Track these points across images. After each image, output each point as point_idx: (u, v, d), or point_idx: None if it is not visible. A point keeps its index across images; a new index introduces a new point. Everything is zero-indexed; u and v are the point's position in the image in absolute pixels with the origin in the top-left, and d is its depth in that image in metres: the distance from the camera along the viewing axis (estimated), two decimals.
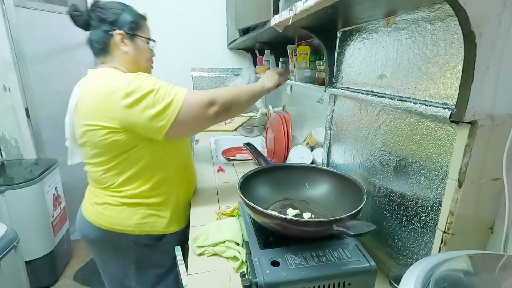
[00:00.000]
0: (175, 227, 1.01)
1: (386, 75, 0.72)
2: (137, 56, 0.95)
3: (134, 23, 0.93)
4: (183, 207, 1.05)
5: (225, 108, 0.83)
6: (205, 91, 0.84)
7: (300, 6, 0.66)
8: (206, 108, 0.81)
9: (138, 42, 0.95)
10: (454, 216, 0.53)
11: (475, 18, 0.43)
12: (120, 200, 0.92)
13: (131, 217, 0.93)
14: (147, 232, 0.95)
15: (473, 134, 0.49)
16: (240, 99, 0.88)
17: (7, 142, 1.96)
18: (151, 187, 0.93)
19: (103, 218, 0.93)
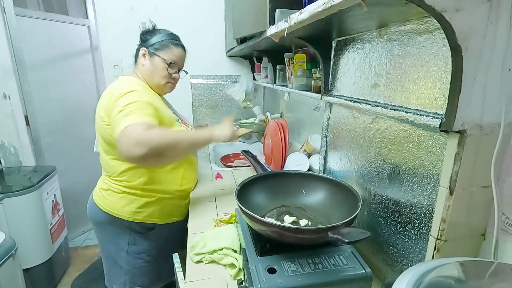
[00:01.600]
0: (166, 220, 1.15)
1: (380, 84, 0.74)
2: (152, 71, 1.11)
3: (159, 45, 1.11)
4: (177, 202, 1.16)
5: (155, 153, 0.80)
6: (147, 131, 0.82)
7: (295, 18, 0.68)
8: (133, 147, 0.79)
9: (155, 60, 1.10)
10: (446, 223, 0.54)
11: (460, 32, 0.45)
12: (121, 188, 1.07)
13: (127, 205, 1.07)
14: (139, 220, 1.09)
15: (462, 143, 0.50)
16: (178, 147, 0.88)
17: (6, 150, 1.96)
18: (146, 181, 1.06)
19: (106, 202, 1.09)
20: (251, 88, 2.24)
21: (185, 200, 1.19)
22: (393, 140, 0.69)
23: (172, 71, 1.13)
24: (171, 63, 1.11)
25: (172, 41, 1.13)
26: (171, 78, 1.14)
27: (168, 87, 1.16)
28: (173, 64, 1.12)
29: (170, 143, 0.84)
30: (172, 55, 1.11)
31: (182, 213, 1.19)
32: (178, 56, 1.14)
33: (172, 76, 1.13)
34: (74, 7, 2.51)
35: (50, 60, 2.25)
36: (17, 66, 1.93)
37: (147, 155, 0.78)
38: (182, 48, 1.17)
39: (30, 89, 2.03)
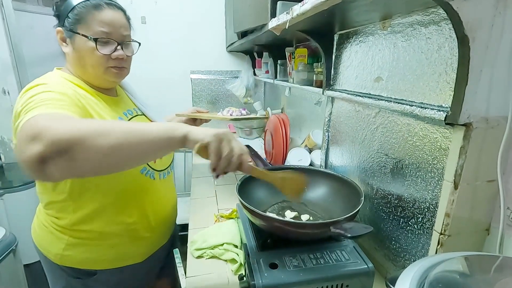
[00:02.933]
0: (110, 264, 0.82)
1: (383, 77, 0.73)
2: (78, 59, 0.75)
3: (74, 15, 0.72)
4: (127, 243, 0.82)
5: (58, 150, 0.45)
6: (50, 121, 0.49)
7: (297, 10, 0.67)
8: (26, 144, 0.46)
9: (76, 41, 0.73)
10: (450, 217, 0.53)
11: (468, 22, 0.44)
12: (50, 222, 0.79)
13: (53, 244, 0.78)
14: (70, 265, 0.79)
15: (468, 137, 0.49)
16: (100, 140, 0.47)
17: (6, 145, 1.96)
18: (77, 220, 0.75)
19: (35, 234, 0.84)
20: (251, 84, 2.23)
21: (142, 242, 0.85)
22: (397, 134, 0.68)
23: (107, 49, 0.73)
24: (97, 39, 0.72)
25: (90, 3, 0.72)
26: (111, 59, 0.75)
27: (112, 75, 0.77)
28: (104, 38, 0.72)
29: (83, 131, 0.46)
30: (96, 25, 0.71)
31: (140, 254, 0.86)
32: (107, 23, 0.72)
33: (111, 56, 0.75)
34: None
35: (49, 56, 2.23)
36: (16, 61, 1.91)
37: (45, 154, 0.44)
38: (113, 6, 0.75)
39: None
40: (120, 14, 0.76)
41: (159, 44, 2.15)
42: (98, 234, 0.78)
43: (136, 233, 0.82)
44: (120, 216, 0.79)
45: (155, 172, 0.85)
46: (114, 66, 0.76)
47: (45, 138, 0.45)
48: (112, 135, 0.48)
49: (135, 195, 0.81)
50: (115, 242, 0.80)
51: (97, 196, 0.75)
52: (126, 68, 0.81)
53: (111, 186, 0.76)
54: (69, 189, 0.72)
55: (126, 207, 0.80)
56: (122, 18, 0.77)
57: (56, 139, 0.45)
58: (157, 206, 0.87)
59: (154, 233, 0.88)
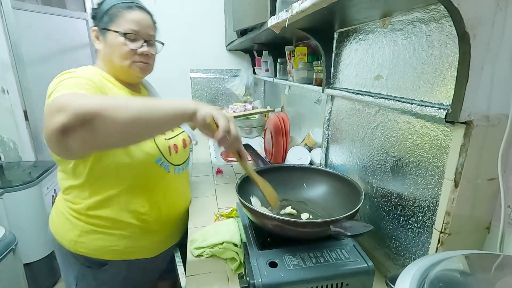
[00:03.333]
0: (120, 255, 0.85)
1: (383, 75, 0.73)
2: (108, 53, 0.83)
3: (108, 15, 0.81)
4: (138, 235, 0.86)
5: (80, 120, 0.50)
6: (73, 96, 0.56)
7: (296, 7, 0.66)
8: (50, 116, 0.50)
9: (108, 37, 0.82)
10: (451, 216, 0.53)
11: (469, 19, 0.43)
12: (66, 209, 0.83)
13: (69, 231, 0.82)
14: (83, 253, 0.83)
15: (468, 135, 0.49)
16: (117, 113, 0.52)
17: (5, 145, 1.96)
18: (92, 205, 0.80)
19: (52, 222, 0.88)
20: (251, 82, 2.23)
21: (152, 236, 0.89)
22: (397, 132, 0.68)
23: (134, 45, 0.82)
24: (126, 34, 0.80)
25: (123, 4, 0.82)
26: (137, 55, 0.83)
27: (137, 69, 0.84)
28: (132, 35, 0.81)
29: (105, 103, 0.52)
30: (126, 24, 0.80)
31: (150, 249, 0.91)
32: (136, 22, 0.81)
33: (137, 52, 0.82)
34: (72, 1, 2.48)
35: (48, 54, 2.23)
36: (15, 61, 1.91)
37: (69, 124, 0.49)
38: (142, 9, 0.84)
39: (28, 84, 2.01)
40: (147, 16, 0.86)
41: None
42: (111, 222, 0.82)
43: (146, 224, 0.86)
44: (133, 205, 0.83)
45: (170, 165, 0.89)
46: (139, 61, 0.84)
47: (68, 110, 0.50)
48: (130, 109, 0.54)
49: (148, 184, 0.85)
50: (126, 232, 0.84)
51: (112, 182, 0.80)
52: (150, 64, 0.88)
53: (126, 173, 0.80)
54: (87, 174, 0.77)
55: (139, 195, 0.84)
56: (149, 20, 0.87)
57: (79, 110, 0.50)
58: (169, 199, 0.91)
59: (164, 227, 0.91)
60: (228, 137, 0.60)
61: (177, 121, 0.60)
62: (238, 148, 0.66)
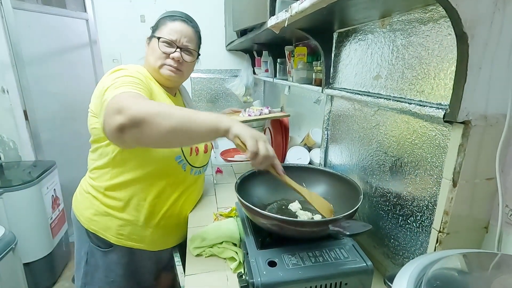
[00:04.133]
0: (127, 242, 0.92)
1: (382, 75, 0.73)
2: (148, 55, 0.94)
3: (156, 25, 0.95)
4: (142, 225, 0.92)
5: (134, 123, 0.60)
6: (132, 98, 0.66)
7: (296, 7, 0.67)
8: (112, 115, 0.62)
9: (151, 43, 0.94)
10: (449, 215, 0.53)
11: (467, 19, 0.44)
12: (88, 187, 0.93)
13: (87, 208, 0.92)
14: (94, 231, 0.92)
15: (466, 134, 0.49)
16: (163, 120, 0.60)
17: (5, 144, 1.96)
18: (110, 185, 0.89)
19: (75, 200, 0.98)
20: (251, 83, 2.23)
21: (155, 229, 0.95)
22: (396, 132, 0.68)
23: (168, 50, 0.90)
24: (160, 38, 0.90)
25: (169, 17, 0.94)
26: (168, 59, 0.91)
27: (166, 71, 0.91)
28: (166, 40, 0.90)
29: (153, 111, 0.60)
30: (166, 31, 0.91)
31: (151, 241, 0.95)
32: (174, 30, 0.91)
33: (170, 56, 0.90)
34: (72, 0, 2.48)
35: (48, 54, 2.23)
36: (15, 60, 1.91)
37: (125, 124, 0.60)
38: (184, 21, 0.94)
39: (28, 84, 2.01)
40: (188, 28, 0.94)
41: None
42: (123, 203, 0.90)
43: (152, 215, 0.93)
44: (144, 193, 0.91)
45: (187, 164, 0.95)
46: (169, 64, 0.91)
47: (126, 113, 0.60)
48: (172, 118, 0.61)
49: (163, 177, 0.91)
50: (133, 218, 0.91)
51: (133, 167, 0.88)
52: (181, 71, 0.94)
53: (146, 162, 0.88)
54: (113, 157, 0.86)
55: (152, 186, 0.91)
56: (189, 31, 0.94)
57: (134, 115, 0.60)
58: (178, 197, 0.97)
59: (168, 223, 0.97)
60: (257, 157, 0.61)
61: (211, 136, 0.64)
62: (271, 165, 0.66)
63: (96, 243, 0.93)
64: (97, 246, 0.93)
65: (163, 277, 1.07)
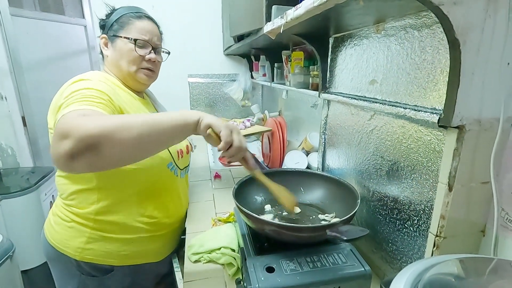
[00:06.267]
0: (129, 261, 0.85)
1: (377, 80, 0.73)
2: (116, 59, 0.85)
3: (118, 23, 0.85)
4: (145, 242, 0.86)
5: (87, 146, 0.50)
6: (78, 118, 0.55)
7: (291, 14, 0.67)
8: (58, 141, 0.51)
9: (117, 44, 0.84)
10: (446, 219, 0.53)
11: (458, 26, 0.44)
12: (69, 215, 0.81)
13: (75, 238, 0.80)
14: (90, 260, 0.81)
15: (461, 139, 0.50)
16: (123, 134, 0.52)
17: (3, 151, 1.95)
18: (100, 210, 0.79)
19: (52, 232, 0.84)
20: (249, 87, 2.24)
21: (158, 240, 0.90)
22: (392, 136, 0.69)
23: (143, 51, 0.85)
24: (136, 40, 0.83)
25: (133, 14, 0.86)
26: (145, 61, 0.86)
27: (143, 76, 0.86)
28: (141, 41, 0.84)
29: (109, 128, 0.51)
30: (136, 31, 0.84)
31: (156, 253, 0.91)
32: (145, 30, 0.85)
33: (145, 58, 0.85)
34: (70, 7, 2.50)
35: (47, 61, 2.24)
36: (13, 67, 1.91)
37: (75, 150, 0.49)
38: (150, 19, 0.89)
39: (27, 90, 2.01)
40: (155, 26, 0.91)
41: None
42: (119, 227, 0.81)
43: (155, 227, 0.87)
44: (142, 209, 0.83)
45: (178, 169, 0.92)
46: (147, 67, 0.87)
47: (73, 136, 0.50)
48: (134, 128, 0.53)
49: (158, 188, 0.86)
50: (135, 237, 0.84)
51: (123, 186, 0.79)
52: (155, 72, 0.91)
53: (138, 176, 0.80)
54: (98, 177, 0.77)
55: (149, 199, 0.84)
56: (157, 30, 0.91)
57: (84, 136, 0.50)
58: (175, 203, 0.93)
59: (169, 230, 0.92)
60: (231, 148, 0.59)
61: (182, 133, 0.59)
62: (243, 157, 0.65)
63: (90, 274, 0.82)
64: (92, 276, 0.83)
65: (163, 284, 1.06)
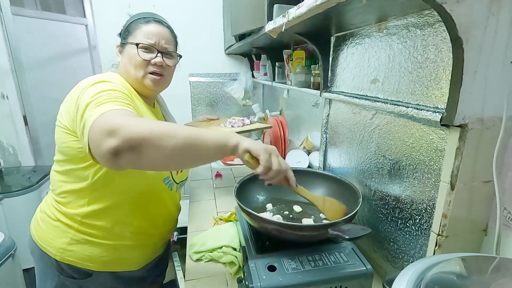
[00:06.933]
0: (107, 266, 0.82)
1: (379, 79, 0.73)
2: (126, 64, 0.84)
3: (127, 30, 0.85)
4: (129, 247, 0.83)
5: (131, 147, 0.52)
6: (124, 117, 0.57)
7: (293, 13, 0.67)
8: (103, 138, 0.53)
9: (126, 49, 0.84)
10: (447, 218, 0.53)
11: (461, 24, 0.44)
12: (56, 213, 0.80)
13: (58, 238, 0.79)
14: (70, 262, 0.79)
15: (463, 137, 0.50)
16: (165, 142, 0.54)
17: (5, 150, 1.96)
18: (89, 213, 0.77)
19: (37, 229, 0.83)
20: (250, 86, 2.23)
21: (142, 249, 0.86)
22: (394, 135, 0.69)
23: (148, 56, 0.82)
24: (138, 44, 0.81)
25: (141, 19, 0.85)
26: (151, 65, 0.83)
27: (149, 82, 0.83)
28: (145, 45, 0.82)
29: (154, 132, 0.53)
30: (142, 36, 0.82)
31: (137, 261, 0.87)
32: (151, 33, 0.82)
33: (151, 62, 0.82)
34: (71, 6, 2.50)
35: (48, 60, 2.24)
36: (14, 66, 1.92)
37: (120, 148, 0.52)
38: (159, 23, 0.86)
39: (28, 89, 2.02)
40: (164, 29, 0.86)
41: None
42: (104, 232, 0.79)
43: (140, 237, 0.84)
44: (130, 218, 0.81)
45: (174, 183, 0.89)
46: (153, 71, 0.83)
47: (120, 135, 0.52)
48: (177, 138, 0.54)
49: (150, 200, 0.84)
50: (118, 244, 0.81)
51: (115, 193, 0.78)
52: (164, 76, 0.86)
53: (132, 186, 0.79)
54: (93, 182, 0.75)
55: (138, 209, 0.82)
56: (166, 33, 0.86)
57: (130, 136, 0.52)
58: (165, 216, 0.90)
59: (154, 241, 0.89)
60: (270, 172, 0.59)
61: (219, 154, 0.59)
62: (284, 178, 0.63)
63: (69, 275, 0.80)
64: (72, 277, 0.81)
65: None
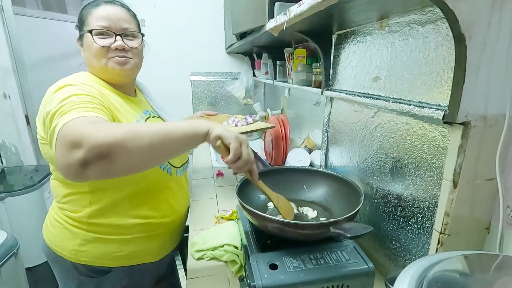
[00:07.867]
0: (125, 261, 0.83)
1: (381, 77, 0.73)
2: (88, 57, 0.79)
3: (80, 20, 0.79)
4: (142, 239, 0.84)
5: (100, 155, 0.50)
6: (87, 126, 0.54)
7: (294, 10, 0.67)
8: (68, 150, 0.51)
9: (84, 41, 0.78)
10: (450, 217, 0.53)
11: (464, 20, 0.44)
12: (64, 218, 0.80)
13: (69, 240, 0.79)
14: (85, 262, 0.79)
15: (466, 135, 0.49)
16: (136, 143, 0.52)
17: (7, 149, 1.96)
18: (92, 213, 0.77)
19: (48, 234, 0.84)
20: (251, 85, 2.23)
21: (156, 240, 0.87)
22: (395, 133, 0.68)
23: (106, 41, 0.76)
24: (92, 30, 0.75)
25: (90, 4, 0.79)
26: (112, 51, 0.77)
27: (114, 65, 0.78)
28: (99, 30, 0.75)
29: (120, 137, 0.51)
30: (95, 21, 0.76)
31: (154, 253, 0.89)
32: (104, 17, 0.76)
33: (111, 48, 0.76)
34: (73, 6, 2.50)
35: (49, 59, 2.25)
36: (16, 65, 1.92)
37: (87, 159, 0.49)
38: (111, 3, 0.79)
39: (30, 89, 2.02)
40: (118, 8, 0.79)
41: (159, 46, 2.16)
42: (114, 228, 0.79)
43: (151, 227, 0.84)
44: (136, 210, 0.81)
45: (172, 167, 0.89)
46: (112, 56, 0.78)
47: (86, 145, 0.49)
48: (145, 137, 0.53)
49: (151, 188, 0.83)
50: (130, 237, 0.81)
51: (115, 188, 0.77)
52: (131, 59, 0.81)
53: (129, 179, 0.78)
54: (90, 182, 0.74)
55: (142, 200, 0.82)
56: (122, 12, 0.79)
57: (96, 144, 0.50)
58: (172, 202, 0.90)
59: (167, 230, 0.90)
60: (239, 161, 0.59)
61: (191, 143, 0.59)
62: (249, 170, 0.64)
63: (88, 275, 0.82)
64: (91, 277, 0.82)
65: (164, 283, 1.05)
